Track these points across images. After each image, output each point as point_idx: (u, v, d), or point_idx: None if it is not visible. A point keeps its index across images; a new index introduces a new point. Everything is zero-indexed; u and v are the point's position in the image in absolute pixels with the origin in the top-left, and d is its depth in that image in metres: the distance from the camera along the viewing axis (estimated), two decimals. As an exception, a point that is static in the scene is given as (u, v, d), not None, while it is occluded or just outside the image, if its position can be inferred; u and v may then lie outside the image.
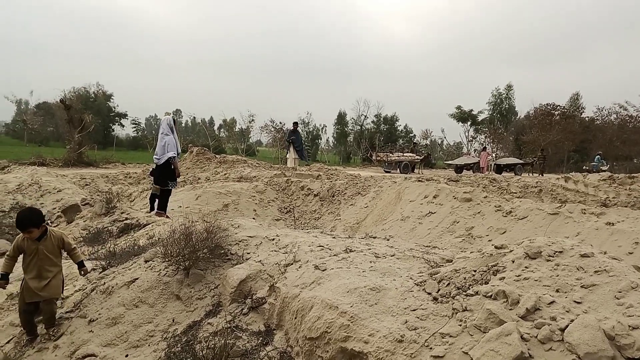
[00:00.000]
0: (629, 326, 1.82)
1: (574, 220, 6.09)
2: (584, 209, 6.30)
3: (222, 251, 3.96)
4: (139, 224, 6.31)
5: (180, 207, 8.57)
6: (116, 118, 46.78)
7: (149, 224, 6.24)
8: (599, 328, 1.84)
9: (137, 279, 3.79)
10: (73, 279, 4.33)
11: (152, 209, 7.61)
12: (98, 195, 9.38)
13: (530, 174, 27.45)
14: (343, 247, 3.65)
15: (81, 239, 6.06)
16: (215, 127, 60.25)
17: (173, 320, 3.44)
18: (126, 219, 6.48)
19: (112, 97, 46.69)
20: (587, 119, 43.69)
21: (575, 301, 2.08)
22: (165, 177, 7.31)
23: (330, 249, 3.62)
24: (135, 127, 50.62)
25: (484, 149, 32.20)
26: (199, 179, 11.79)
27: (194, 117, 51.80)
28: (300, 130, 19.27)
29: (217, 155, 17.61)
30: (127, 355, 3.21)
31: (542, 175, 24.44)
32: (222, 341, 2.94)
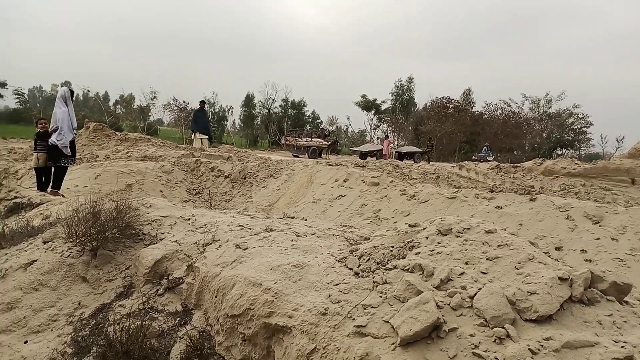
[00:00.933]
0: (527, 292, 2.07)
1: (468, 204, 6.68)
2: (477, 194, 6.93)
3: (134, 231, 3.76)
4: (31, 203, 5.74)
5: (77, 186, 7.92)
6: (-8, 87, 41.60)
7: (43, 203, 5.71)
8: (503, 295, 2.07)
9: (35, 260, 3.47)
10: (-46, 263, 3.84)
11: (39, 186, 6.96)
12: (-23, 171, 8.33)
13: (426, 162, 29.37)
14: (263, 226, 3.66)
15: (-41, 219, 5.37)
16: (111, 103, 56.18)
17: (79, 303, 3.22)
18: (15, 197, 5.86)
19: (-14, 62, 41.32)
20: (476, 113, 47.72)
21: (481, 272, 2.31)
22: (58, 152, 6.71)
23: (250, 229, 3.60)
24: (18, 99, 45.40)
25: (387, 137, 33.82)
26: (97, 156, 10.96)
27: (88, 91, 47.60)
28: (207, 110, 18.32)
29: (117, 133, 16.45)
30: (26, 342, 2.95)
31: (429, 163, 26.21)
32: (137, 322, 2.82)
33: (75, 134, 7.13)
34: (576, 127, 45.51)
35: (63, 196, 6.53)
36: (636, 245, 4.84)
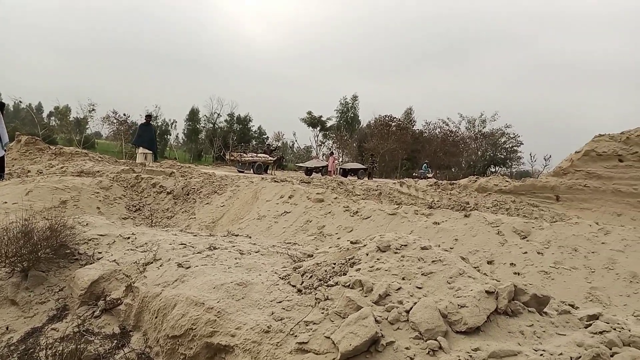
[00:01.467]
0: (458, 305, 2.21)
1: (408, 220, 6.94)
2: (416, 210, 7.21)
3: (69, 251, 3.62)
4: (-48, 221, 5.34)
5: (6, 203, 7.44)
6: None
7: (-34, 221, 5.33)
8: (436, 308, 2.20)
9: (-43, 284, 3.25)
10: None
11: None
12: None
13: (367, 178, 30.03)
14: (207, 244, 3.63)
15: None
16: (45, 115, 53.22)
17: (7, 328, 3.04)
18: None
19: None
20: (417, 131, 49.59)
21: (417, 287, 2.44)
22: None
23: (193, 247, 3.57)
24: None
25: (331, 153, 34.32)
26: (29, 171, 10.35)
27: (20, 102, 44.82)
28: (152, 124, 17.66)
29: (51, 147, 15.60)
30: (-55, 374, 2.75)
31: (370, 179, 26.83)
32: (72, 346, 2.71)
33: (5, 150, 6.72)
34: (508, 146, 48.44)
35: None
36: (559, 258, 5.23)
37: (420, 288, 2.43)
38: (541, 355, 1.96)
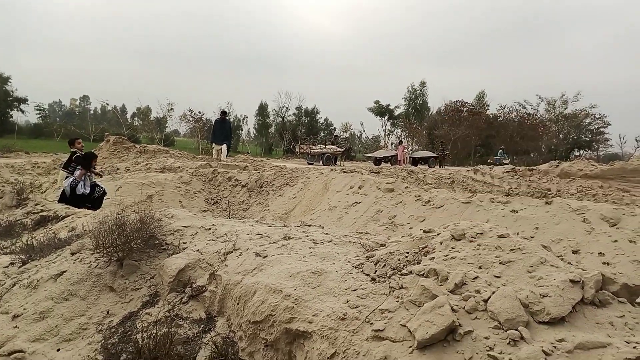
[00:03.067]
0: (540, 294, 2.13)
1: (484, 208, 6.70)
2: (493, 198, 6.94)
3: (157, 241, 3.90)
4: (57, 216, 5.95)
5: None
6: (15, 103, 42.67)
7: (68, 216, 5.91)
8: (516, 298, 2.14)
9: (65, 271, 3.62)
10: (-12, 276, 4.02)
11: (61, 199, 7.10)
12: (4, 186, 8.62)
13: (438, 167, 29.20)
14: (282, 234, 3.76)
15: (-10, 232, 5.59)
16: (128, 115, 57.12)
17: (107, 312, 3.35)
18: (42, 210, 6.07)
19: (10, 80, 42.45)
20: (491, 115, 47.37)
21: (495, 276, 2.38)
22: (79, 200, 6.93)
23: (269, 237, 3.71)
24: (39, 113, 46.55)
25: (400, 142, 33.81)
26: (118, 169, 11.23)
27: (107, 104, 48.46)
28: (228, 119, 17.69)
29: (136, 145, 16.78)
30: (59, 350, 3.09)
31: (441, 167, 26.02)
32: (164, 330, 2.94)
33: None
34: (593, 127, 44.92)
35: (88, 207, 6.74)
36: (654, 246, 4.82)
37: (498, 277, 2.37)
38: (634, 347, 1.85)
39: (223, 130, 15.13)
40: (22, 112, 44.16)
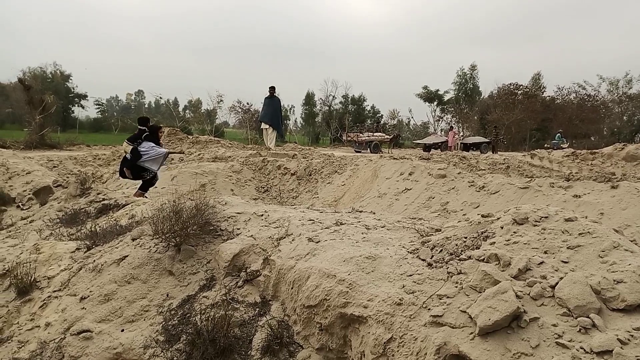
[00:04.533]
0: (614, 280, 1.99)
1: (543, 194, 6.39)
2: (552, 183, 6.61)
3: (212, 227, 3.99)
4: (118, 204, 6.23)
5: (156, 187, 8.44)
6: (76, 99, 45.09)
7: (128, 204, 6.17)
8: (587, 284, 2.01)
9: (126, 256, 3.78)
10: (57, 259, 4.27)
11: (121, 172, 7.25)
12: (69, 176, 9.14)
13: (491, 152, 28.17)
14: (333, 220, 3.74)
15: (57, 220, 5.94)
16: (180, 108, 58.96)
17: (167, 295, 3.47)
18: (103, 199, 6.38)
19: (71, 78, 44.85)
20: (547, 98, 45.08)
21: (562, 261, 2.24)
22: (139, 170, 7.09)
23: (321, 222, 3.71)
24: (99, 108, 49.02)
25: (451, 128, 32.86)
26: (173, 159, 11.63)
27: (160, 97, 50.24)
28: (277, 96, 14.69)
29: (188, 136, 17.30)
30: (123, 330, 3.23)
31: (494, 153, 25.05)
32: (221, 312, 3.01)
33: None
34: (661, 107, 41.79)
35: (146, 197, 7.01)
36: None
37: (566, 262, 2.24)
38: None
39: (271, 107, 14.07)
40: (83, 107, 46.61)
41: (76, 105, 45.63)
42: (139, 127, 7.40)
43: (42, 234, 5.61)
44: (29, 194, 7.58)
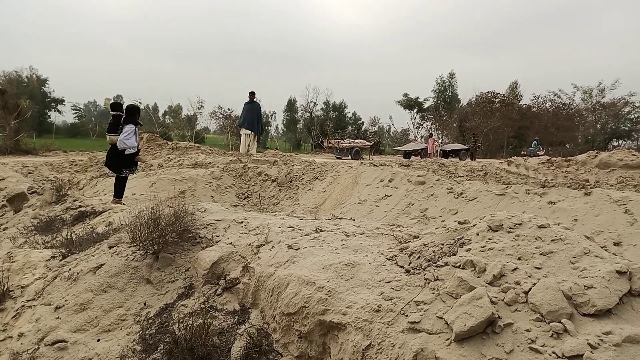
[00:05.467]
0: (584, 286, 2.05)
1: (519, 200, 6.52)
2: (528, 190, 6.75)
3: (191, 235, 3.96)
4: (94, 211, 6.12)
5: (134, 194, 8.34)
6: (52, 104, 44.23)
7: (105, 211, 6.08)
8: (559, 289, 2.06)
9: (103, 264, 3.72)
10: (32, 268, 4.18)
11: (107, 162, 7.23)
12: (44, 183, 8.93)
13: (470, 159, 28.60)
14: (313, 227, 3.76)
15: (32, 227, 5.81)
16: (160, 114, 58.30)
17: (145, 303, 3.42)
18: (80, 206, 6.26)
19: (47, 82, 44.01)
20: (524, 106, 46.08)
21: (535, 267, 2.30)
22: (120, 164, 7.06)
23: (300, 229, 3.71)
24: (76, 113, 48.15)
25: (430, 135, 33.35)
26: (152, 165, 11.48)
27: (139, 103, 49.63)
28: (257, 101, 14.82)
29: (168, 142, 17.12)
30: (99, 340, 3.17)
31: (473, 160, 25.48)
32: (199, 321, 2.98)
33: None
34: (633, 116, 43.09)
35: (123, 204, 6.91)
36: None
37: (539, 268, 2.29)
38: (688, 342, 1.75)
39: (251, 112, 13.96)
40: (59, 112, 45.75)
41: (53, 110, 44.80)
42: (112, 113, 7.32)
43: (15, 242, 5.47)
44: (3, 201, 7.38)
